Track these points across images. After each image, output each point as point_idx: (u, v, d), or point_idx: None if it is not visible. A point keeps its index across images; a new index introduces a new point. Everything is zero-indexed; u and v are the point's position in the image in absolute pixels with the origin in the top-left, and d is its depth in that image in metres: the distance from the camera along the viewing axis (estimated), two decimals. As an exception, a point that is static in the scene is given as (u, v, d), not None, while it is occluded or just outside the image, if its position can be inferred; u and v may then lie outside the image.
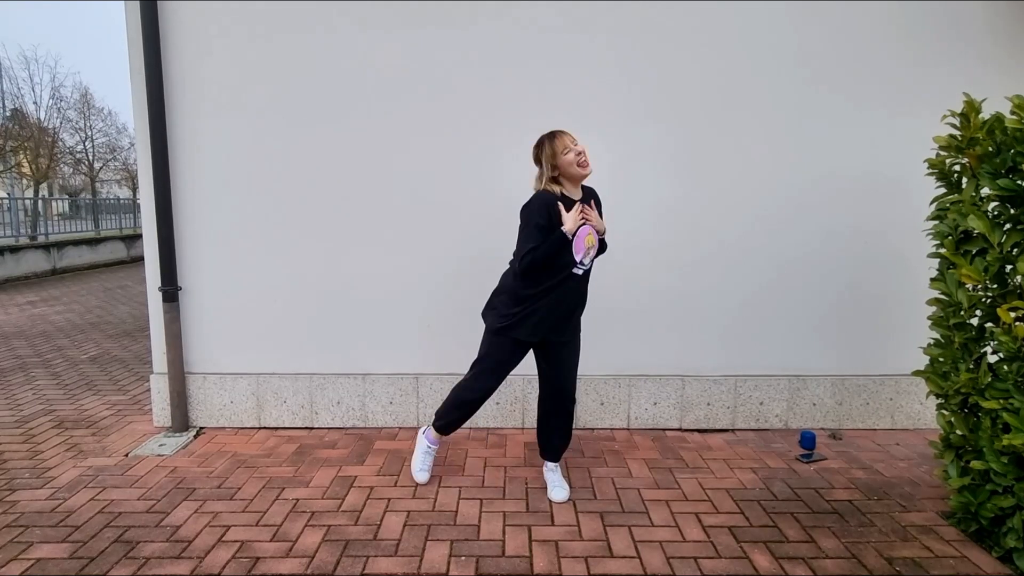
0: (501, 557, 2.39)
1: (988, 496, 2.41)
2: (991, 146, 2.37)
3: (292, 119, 3.50)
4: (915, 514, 2.71)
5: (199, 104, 3.49)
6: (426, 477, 3.00)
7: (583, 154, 2.63)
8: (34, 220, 13.30)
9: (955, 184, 2.61)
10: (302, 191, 3.56)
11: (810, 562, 2.35)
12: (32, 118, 17.34)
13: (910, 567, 2.32)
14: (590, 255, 2.74)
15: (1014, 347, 2.23)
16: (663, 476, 3.09)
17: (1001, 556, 2.37)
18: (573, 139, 2.64)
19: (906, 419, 3.72)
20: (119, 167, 22.16)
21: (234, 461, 3.27)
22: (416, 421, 3.75)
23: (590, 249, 2.72)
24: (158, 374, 3.71)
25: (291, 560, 2.37)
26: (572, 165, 2.62)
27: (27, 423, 3.82)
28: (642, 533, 2.56)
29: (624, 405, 3.72)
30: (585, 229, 2.68)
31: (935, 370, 2.65)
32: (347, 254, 3.62)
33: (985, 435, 2.38)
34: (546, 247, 2.58)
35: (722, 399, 3.70)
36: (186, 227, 3.59)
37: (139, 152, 3.54)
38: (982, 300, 2.43)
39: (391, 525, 2.62)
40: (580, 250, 2.67)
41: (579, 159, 2.62)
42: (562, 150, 2.61)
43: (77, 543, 2.48)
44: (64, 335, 6.42)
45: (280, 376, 3.71)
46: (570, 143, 2.62)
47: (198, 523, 2.64)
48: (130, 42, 3.41)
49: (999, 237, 2.29)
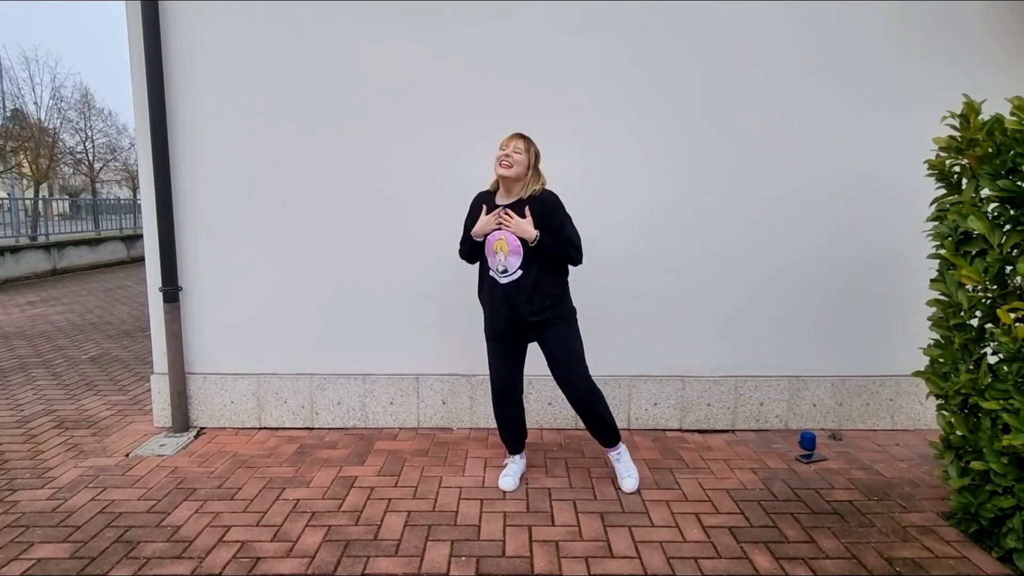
0: (502, 557, 2.39)
1: (988, 497, 2.42)
2: (991, 147, 2.38)
3: (293, 119, 3.51)
4: (915, 515, 2.71)
5: (200, 104, 3.49)
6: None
7: (509, 157, 2.65)
8: (34, 220, 13.30)
9: (955, 185, 2.61)
10: (302, 191, 3.57)
11: (810, 562, 2.36)
12: (32, 118, 17.34)
13: (910, 568, 2.33)
14: (501, 261, 2.72)
15: (1014, 348, 2.24)
16: (663, 476, 3.09)
17: (1001, 557, 2.37)
18: (517, 145, 2.66)
19: (906, 420, 3.72)
20: (119, 167, 22.15)
21: (235, 461, 3.27)
22: (416, 421, 3.75)
23: (499, 254, 2.71)
24: (158, 374, 3.72)
25: (292, 560, 2.37)
26: (496, 161, 2.68)
27: (28, 423, 3.82)
28: (642, 533, 2.56)
29: (624, 405, 3.72)
30: (495, 235, 2.70)
31: (935, 371, 2.65)
32: (348, 254, 3.62)
33: (985, 436, 2.38)
34: (464, 245, 2.87)
35: (722, 399, 3.70)
36: (186, 227, 3.59)
37: (139, 152, 3.54)
38: (982, 301, 2.44)
39: (392, 525, 2.62)
40: (489, 253, 2.74)
41: (500, 159, 2.67)
42: (501, 146, 2.69)
43: (78, 543, 2.48)
44: (64, 335, 6.42)
45: (281, 376, 3.72)
46: (511, 145, 2.66)
47: (199, 523, 2.64)
48: (131, 42, 3.42)
49: (999, 238, 2.29)
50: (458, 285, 3.52)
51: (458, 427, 3.73)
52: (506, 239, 2.68)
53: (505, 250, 2.69)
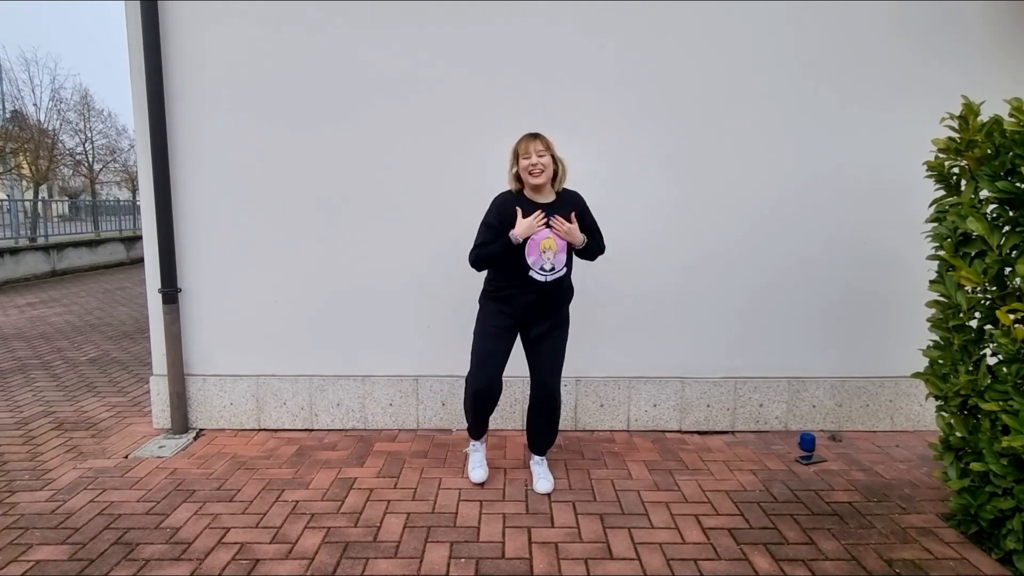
0: (501, 559, 2.39)
1: (988, 498, 2.41)
2: (990, 148, 2.38)
3: (293, 120, 3.51)
4: (915, 516, 2.71)
5: (199, 105, 3.49)
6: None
7: (536, 166, 2.65)
8: (34, 222, 13.29)
9: (954, 186, 2.62)
10: (302, 192, 3.57)
11: (810, 564, 2.35)
12: (32, 120, 17.34)
13: (910, 569, 2.32)
14: (549, 259, 2.73)
15: (1013, 349, 2.24)
16: (663, 478, 3.09)
17: (1001, 558, 2.37)
18: (539, 148, 2.65)
19: (906, 421, 3.72)
20: (119, 169, 22.15)
21: (234, 463, 3.27)
22: (416, 423, 3.75)
23: (547, 253, 2.72)
24: (158, 376, 3.71)
25: (291, 562, 2.36)
26: (523, 171, 2.68)
27: (27, 425, 3.82)
28: (642, 535, 2.56)
29: (624, 407, 3.72)
30: (543, 233, 2.70)
31: (934, 372, 2.65)
32: (347, 255, 3.62)
33: (984, 437, 2.38)
34: (493, 248, 2.70)
35: (722, 401, 3.70)
36: (186, 229, 3.59)
37: (139, 154, 3.54)
38: (981, 302, 2.44)
39: (391, 527, 2.62)
40: (533, 253, 2.71)
41: (530, 168, 2.66)
42: (523, 154, 2.68)
43: (77, 545, 2.48)
44: (64, 337, 6.42)
45: (280, 378, 3.71)
46: (533, 151, 2.65)
47: (198, 525, 2.63)
48: (130, 43, 3.42)
49: (998, 239, 2.30)
50: (458, 286, 3.51)
51: (457, 428, 3.73)
52: (554, 238, 2.72)
53: (554, 248, 2.73)
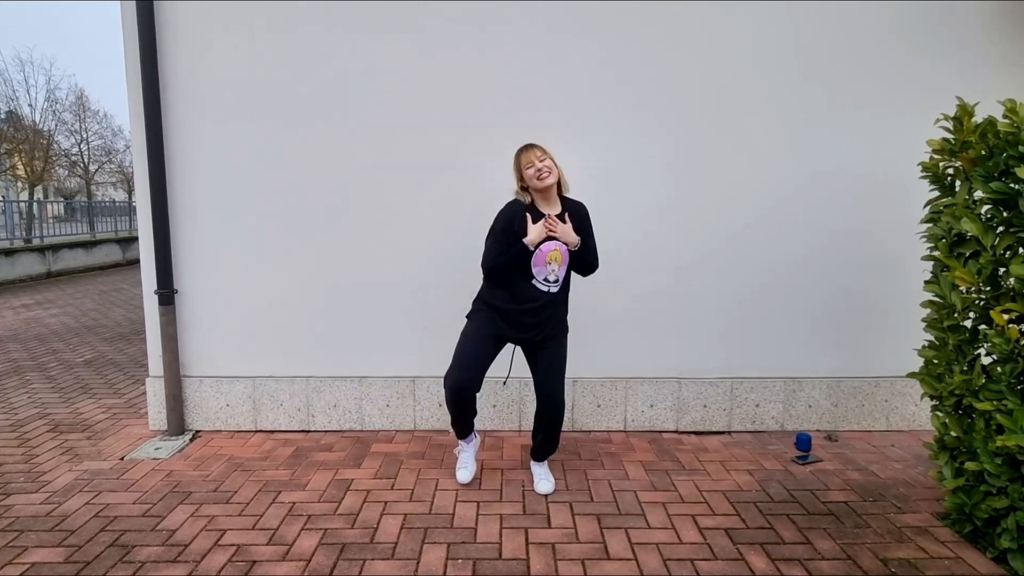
0: (498, 559, 2.39)
1: (982, 497, 2.42)
2: (984, 149, 2.39)
3: (288, 121, 3.50)
4: (910, 515, 2.72)
5: (196, 106, 3.48)
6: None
7: (543, 170, 2.67)
8: (29, 223, 13.26)
9: (948, 187, 2.63)
10: (298, 194, 3.56)
11: (806, 563, 2.36)
12: (27, 120, 17.30)
13: (905, 568, 2.33)
14: (554, 271, 2.77)
15: (1007, 349, 2.25)
16: (659, 478, 3.09)
17: (995, 557, 2.38)
18: (539, 155, 2.69)
19: (901, 421, 3.74)
20: (115, 170, 22.12)
21: (230, 464, 3.26)
22: (413, 424, 3.75)
23: (552, 264, 2.75)
24: (154, 377, 3.70)
25: (288, 563, 2.36)
26: (532, 179, 2.70)
27: (22, 427, 3.80)
28: (639, 535, 2.57)
29: (620, 407, 3.72)
30: (550, 244, 2.73)
31: (929, 372, 2.66)
32: (343, 256, 3.62)
33: (979, 436, 2.39)
34: (508, 255, 2.72)
35: (718, 401, 3.71)
36: (182, 230, 3.58)
37: (135, 154, 3.53)
38: (975, 302, 2.45)
39: (388, 528, 2.62)
40: (539, 263, 2.74)
41: (538, 174, 2.68)
42: (525, 164, 2.71)
43: (72, 547, 2.47)
44: (59, 338, 6.39)
45: (276, 379, 3.71)
46: (535, 158, 2.68)
47: (194, 527, 2.63)
48: (126, 43, 3.41)
49: (992, 240, 2.31)
50: (453, 287, 3.51)
51: (454, 429, 3.73)
52: (560, 250, 2.76)
53: (559, 260, 2.77)
